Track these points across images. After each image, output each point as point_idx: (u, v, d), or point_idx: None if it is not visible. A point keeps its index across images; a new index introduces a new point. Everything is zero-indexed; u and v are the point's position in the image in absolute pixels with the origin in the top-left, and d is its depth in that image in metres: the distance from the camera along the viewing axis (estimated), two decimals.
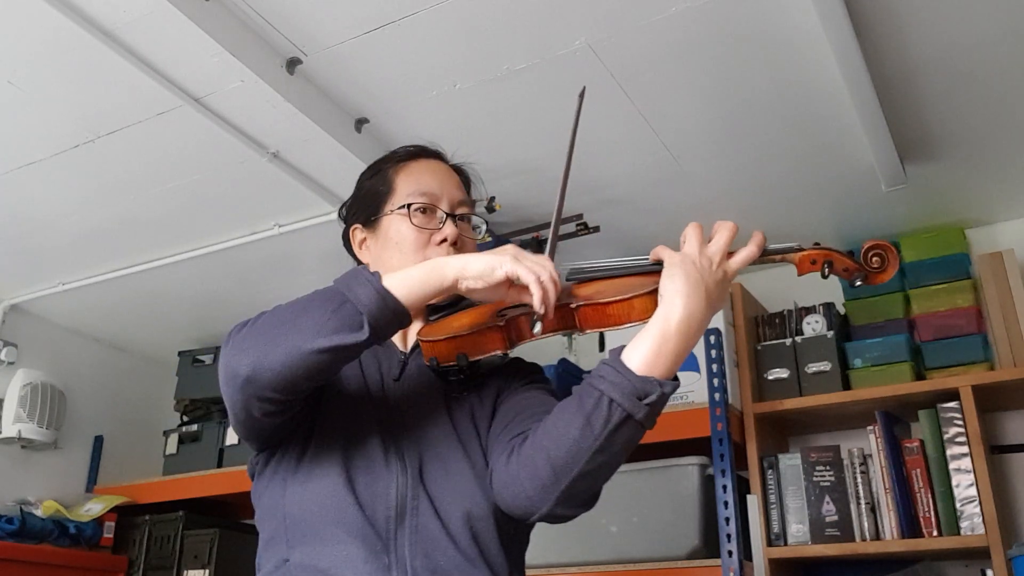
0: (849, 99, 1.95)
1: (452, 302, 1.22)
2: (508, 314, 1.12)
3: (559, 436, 1.01)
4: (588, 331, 1.11)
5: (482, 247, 2.57)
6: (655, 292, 1.05)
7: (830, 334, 2.47)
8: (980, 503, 2.11)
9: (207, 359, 3.40)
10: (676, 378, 1.02)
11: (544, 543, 2.41)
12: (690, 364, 2.46)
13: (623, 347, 1.02)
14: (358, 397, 1.18)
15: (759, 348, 2.54)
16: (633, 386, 0.98)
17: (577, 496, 1.03)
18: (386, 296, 1.01)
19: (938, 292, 2.45)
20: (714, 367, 2.35)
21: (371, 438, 1.13)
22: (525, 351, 1.21)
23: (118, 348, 3.60)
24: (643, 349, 1.00)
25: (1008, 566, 2.03)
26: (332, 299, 1.02)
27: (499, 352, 1.13)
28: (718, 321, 2.44)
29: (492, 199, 2.40)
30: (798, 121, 2.15)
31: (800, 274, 1.12)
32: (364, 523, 1.06)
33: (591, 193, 2.47)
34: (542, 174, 2.38)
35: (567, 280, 1.16)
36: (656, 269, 1.08)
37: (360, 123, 2.17)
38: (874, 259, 1.10)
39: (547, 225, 2.46)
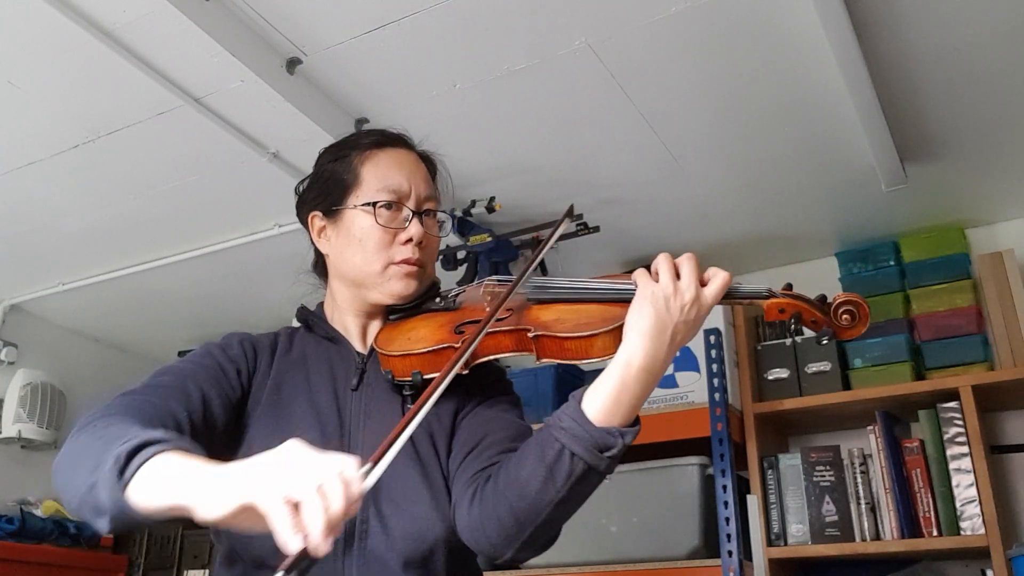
0: (849, 99, 1.94)
1: (415, 303, 1.20)
2: (466, 332, 1.08)
3: (522, 487, 0.98)
4: (544, 361, 1.05)
5: (483, 248, 2.57)
6: (617, 330, 0.99)
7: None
8: (980, 503, 2.11)
9: None
10: (637, 420, 0.98)
11: None
12: (690, 364, 2.46)
13: (583, 390, 0.99)
14: (302, 413, 1.12)
15: (759, 348, 2.54)
16: (594, 439, 0.95)
17: (538, 540, 1.03)
18: (124, 508, 0.85)
19: (938, 292, 2.46)
20: (714, 367, 2.34)
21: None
22: None
23: (118, 348, 3.60)
24: (603, 397, 0.96)
25: (1008, 566, 2.03)
26: (90, 478, 0.88)
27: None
28: (718, 321, 2.44)
29: (492, 199, 2.40)
30: (798, 121, 2.15)
31: (768, 320, 1.06)
32: None
33: (591, 193, 2.47)
34: (542, 174, 2.38)
35: (528, 300, 1.11)
36: (625, 298, 1.01)
37: (360, 123, 2.16)
38: (844, 316, 1.02)
39: (547, 225, 2.47)
